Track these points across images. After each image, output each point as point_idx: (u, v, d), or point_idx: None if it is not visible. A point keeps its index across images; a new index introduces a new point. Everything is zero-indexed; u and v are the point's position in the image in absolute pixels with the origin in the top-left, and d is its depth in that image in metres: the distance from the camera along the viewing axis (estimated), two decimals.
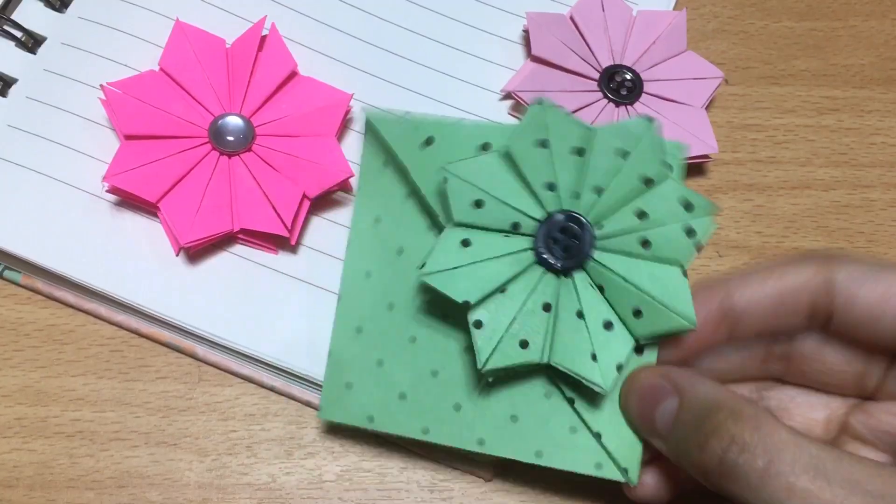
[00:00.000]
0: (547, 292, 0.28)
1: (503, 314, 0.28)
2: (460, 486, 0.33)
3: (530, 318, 0.28)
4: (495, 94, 0.38)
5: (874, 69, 0.42)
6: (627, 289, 0.28)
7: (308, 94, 0.35)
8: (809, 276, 0.28)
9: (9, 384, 0.33)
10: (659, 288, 0.28)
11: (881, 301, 0.27)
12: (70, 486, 0.32)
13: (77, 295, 0.34)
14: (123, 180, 0.33)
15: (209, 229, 0.33)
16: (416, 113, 0.30)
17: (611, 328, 0.28)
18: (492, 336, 0.28)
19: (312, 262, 0.34)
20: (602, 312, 0.28)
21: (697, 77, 0.39)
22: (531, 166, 0.28)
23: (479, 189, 0.28)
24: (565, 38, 0.38)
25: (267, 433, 0.33)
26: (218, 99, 0.34)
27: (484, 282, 0.28)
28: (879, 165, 0.40)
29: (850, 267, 0.28)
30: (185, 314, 0.33)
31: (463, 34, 0.39)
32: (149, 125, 0.34)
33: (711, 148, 0.37)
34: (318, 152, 0.34)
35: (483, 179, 0.28)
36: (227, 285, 0.33)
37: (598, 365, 0.27)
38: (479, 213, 0.28)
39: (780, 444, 0.23)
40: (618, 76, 0.38)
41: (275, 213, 0.33)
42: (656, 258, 0.28)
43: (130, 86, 0.34)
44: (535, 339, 0.28)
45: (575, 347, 0.28)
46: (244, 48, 0.35)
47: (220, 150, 0.34)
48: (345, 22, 0.39)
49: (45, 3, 0.37)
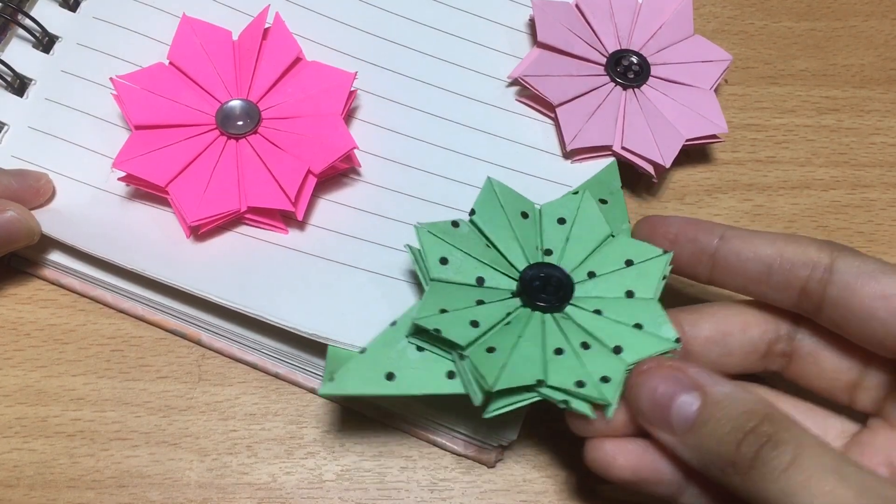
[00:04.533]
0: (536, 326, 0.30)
1: (506, 342, 0.29)
2: (460, 486, 0.33)
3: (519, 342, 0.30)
4: (502, 81, 0.38)
5: (874, 69, 0.42)
6: (608, 322, 0.30)
7: (313, 76, 0.36)
8: (811, 254, 0.28)
9: (9, 384, 0.33)
10: (637, 317, 0.30)
11: (876, 299, 0.27)
12: (70, 485, 0.32)
13: (84, 281, 0.34)
14: (133, 166, 0.33)
15: (217, 208, 0.33)
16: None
17: (589, 348, 0.29)
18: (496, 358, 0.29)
19: (321, 238, 0.34)
20: (583, 337, 0.30)
21: (705, 60, 0.39)
22: (514, 232, 0.32)
23: (458, 249, 0.31)
24: (571, 25, 0.38)
25: (267, 433, 0.33)
26: (225, 87, 0.35)
27: (482, 319, 0.30)
28: (879, 165, 0.40)
29: (853, 259, 0.28)
30: (196, 281, 0.32)
31: (468, 23, 0.40)
32: (158, 114, 0.34)
33: (721, 128, 0.37)
34: (322, 129, 0.34)
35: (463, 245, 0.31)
36: (238, 261, 0.33)
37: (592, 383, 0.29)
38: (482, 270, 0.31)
39: (806, 444, 0.24)
40: (624, 60, 0.38)
41: (280, 188, 0.33)
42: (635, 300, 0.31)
43: (139, 78, 0.35)
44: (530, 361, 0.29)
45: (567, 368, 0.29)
46: (249, 38, 0.36)
47: (227, 135, 0.34)
48: (349, 13, 0.39)
49: (59, 3, 0.38)
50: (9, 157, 0.35)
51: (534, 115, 0.38)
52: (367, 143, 0.36)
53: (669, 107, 0.37)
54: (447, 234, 0.31)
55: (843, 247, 0.28)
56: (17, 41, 0.37)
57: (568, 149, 0.36)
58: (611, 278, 0.31)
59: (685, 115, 0.37)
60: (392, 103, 0.37)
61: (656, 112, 0.37)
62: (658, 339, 0.29)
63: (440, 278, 0.30)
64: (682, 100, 0.38)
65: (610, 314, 0.30)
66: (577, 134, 0.36)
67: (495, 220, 0.32)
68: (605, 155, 0.37)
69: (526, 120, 0.38)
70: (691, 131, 0.37)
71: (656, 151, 0.36)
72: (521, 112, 0.38)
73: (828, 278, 0.28)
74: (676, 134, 0.37)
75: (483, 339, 0.29)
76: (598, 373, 0.28)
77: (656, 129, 0.37)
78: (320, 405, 0.34)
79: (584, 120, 0.36)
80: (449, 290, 0.30)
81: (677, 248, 0.31)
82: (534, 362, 0.28)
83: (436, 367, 0.29)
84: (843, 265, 0.28)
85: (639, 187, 0.38)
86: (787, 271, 0.29)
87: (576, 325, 0.30)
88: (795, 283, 0.28)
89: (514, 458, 0.33)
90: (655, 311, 0.30)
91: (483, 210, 0.32)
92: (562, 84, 0.37)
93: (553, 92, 0.37)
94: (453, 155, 0.37)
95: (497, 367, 0.28)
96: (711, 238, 0.30)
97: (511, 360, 0.28)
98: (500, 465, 0.33)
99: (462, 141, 0.37)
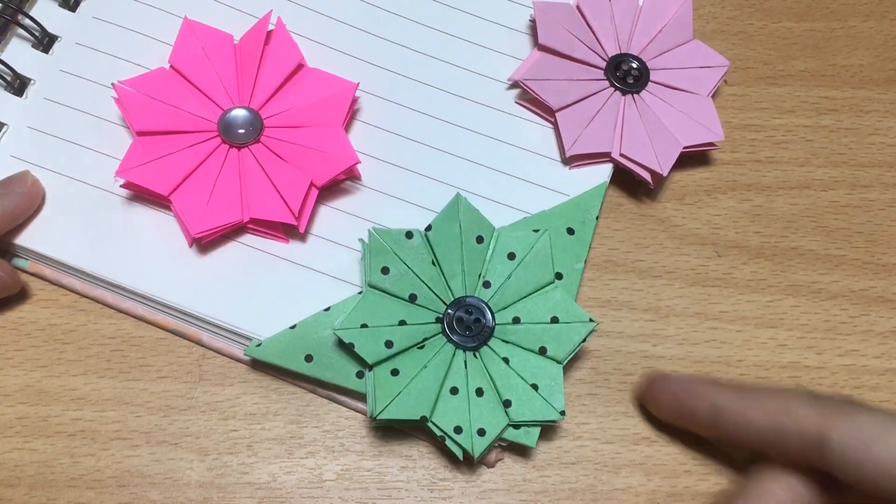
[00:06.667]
0: (446, 361, 0.32)
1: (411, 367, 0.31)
2: (460, 486, 0.33)
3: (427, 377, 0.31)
4: (502, 83, 0.39)
5: (873, 69, 0.42)
6: (511, 374, 0.32)
7: (315, 84, 0.36)
8: (802, 426, 0.28)
9: (10, 383, 0.33)
10: (537, 377, 0.32)
11: (884, 466, 0.26)
12: (71, 485, 0.32)
13: (84, 281, 0.34)
14: (136, 175, 0.33)
15: (220, 219, 0.33)
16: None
17: (482, 395, 0.32)
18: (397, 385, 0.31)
19: (321, 250, 0.34)
20: (482, 382, 0.32)
21: (704, 66, 0.39)
22: (446, 253, 0.33)
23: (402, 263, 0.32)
24: (572, 28, 0.38)
25: (267, 432, 0.33)
26: (227, 93, 0.35)
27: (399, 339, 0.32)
28: (878, 165, 0.40)
29: (848, 427, 0.26)
30: (195, 303, 0.33)
31: (469, 24, 0.40)
32: (160, 121, 0.34)
33: (718, 136, 0.37)
34: (324, 141, 0.34)
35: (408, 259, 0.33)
36: (238, 275, 0.34)
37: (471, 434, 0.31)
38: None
39: None
40: (624, 65, 0.38)
41: (283, 201, 0.33)
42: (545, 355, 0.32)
43: (141, 83, 0.35)
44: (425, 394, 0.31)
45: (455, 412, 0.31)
46: (251, 43, 0.36)
47: (229, 143, 0.34)
48: (350, 14, 0.39)
49: (59, 3, 0.38)
50: (8, 156, 0.35)
51: (533, 118, 0.38)
52: (367, 146, 0.36)
53: (668, 113, 0.37)
54: (397, 244, 0.32)
55: (840, 408, 0.27)
56: (17, 41, 0.37)
57: (567, 155, 0.36)
58: (531, 329, 0.32)
59: (683, 123, 0.37)
60: (392, 104, 0.37)
61: (655, 119, 0.37)
62: (547, 406, 0.32)
63: (377, 286, 0.32)
64: (681, 106, 0.38)
65: (515, 365, 0.32)
66: (577, 140, 0.36)
67: (448, 239, 0.33)
68: (604, 161, 0.37)
69: (526, 123, 0.38)
70: (689, 139, 0.37)
71: (654, 159, 0.36)
72: (521, 115, 0.38)
73: (824, 452, 0.27)
74: (674, 141, 0.37)
75: (391, 361, 0.31)
76: (479, 423, 0.31)
77: (654, 137, 0.37)
78: (320, 405, 0.34)
79: (583, 125, 0.37)
80: (380, 301, 0.32)
81: (679, 420, 0.33)
82: (427, 397, 0.31)
83: (349, 363, 0.32)
84: (839, 436, 0.26)
85: (638, 189, 0.39)
86: (783, 443, 0.28)
87: (481, 367, 0.32)
88: (794, 453, 0.28)
89: (514, 458, 0.34)
90: (556, 377, 0.32)
91: (440, 227, 0.33)
92: (562, 88, 0.37)
93: (553, 96, 0.37)
94: (452, 159, 0.37)
95: (390, 396, 0.31)
96: (705, 406, 0.31)
97: (406, 390, 0.31)
98: (500, 465, 0.33)
99: (461, 144, 0.37)
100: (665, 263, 0.37)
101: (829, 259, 0.38)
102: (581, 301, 0.36)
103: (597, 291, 0.36)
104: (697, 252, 0.38)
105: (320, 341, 0.32)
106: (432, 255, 0.33)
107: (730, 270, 0.37)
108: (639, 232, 0.38)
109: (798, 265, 0.38)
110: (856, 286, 0.38)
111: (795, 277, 0.37)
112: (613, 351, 0.36)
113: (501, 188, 0.36)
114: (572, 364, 0.35)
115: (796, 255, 0.38)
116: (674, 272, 0.37)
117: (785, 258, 0.38)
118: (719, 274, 0.37)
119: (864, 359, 0.36)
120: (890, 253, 0.38)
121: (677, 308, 0.36)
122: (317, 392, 0.34)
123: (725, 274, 0.37)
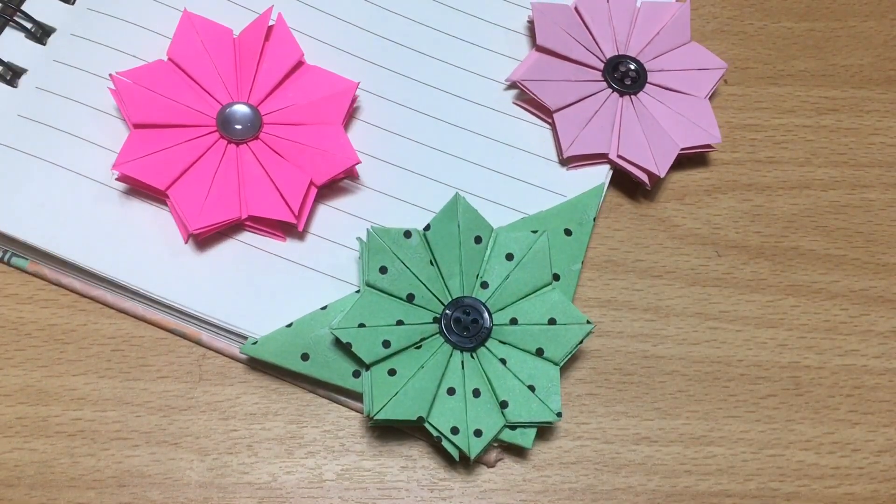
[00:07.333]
0: (443, 361, 0.32)
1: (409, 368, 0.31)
2: (460, 486, 0.33)
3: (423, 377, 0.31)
4: (500, 83, 0.39)
5: (873, 69, 0.42)
6: (508, 374, 0.32)
7: (315, 82, 0.36)
8: None
9: (10, 383, 0.33)
10: (534, 378, 0.32)
11: None
12: (71, 485, 0.32)
13: (84, 281, 0.34)
14: (133, 168, 0.33)
15: (217, 216, 0.33)
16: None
17: (479, 396, 0.32)
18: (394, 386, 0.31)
19: (319, 249, 0.34)
20: (479, 383, 0.32)
21: (701, 68, 0.39)
22: (444, 253, 0.33)
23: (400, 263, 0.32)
24: (570, 29, 0.38)
25: (267, 432, 0.33)
26: (225, 88, 0.35)
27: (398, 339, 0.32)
28: (878, 165, 0.40)
29: None
30: (192, 301, 0.33)
31: (468, 24, 0.40)
32: (157, 114, 0.34)
33: (715, 138, 0.37)
34: (324, 140, 0.34)
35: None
36: (235, 272, 0.34)
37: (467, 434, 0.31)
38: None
39: None
40: (622, 66, 0.38)
41: (282, 199, 0.33)
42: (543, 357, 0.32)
43: (139, 75, 0.35)
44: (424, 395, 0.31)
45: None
46: (251, 38, 0.36)
47: (227, 139, 0.34)
48: (350, 12, 0.39)
49: None
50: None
51: (531, 119, 0.38)
52: (365, 145, 0.36)
53: (665, 115, 0.38)
54: (396, 243, 0.32)
55: None
56: (12, 31, 0.37)
57: (564, 155, 0.36)
58: (529, 331, 0.32)
59: (680, 124, 0.37)
60: (390, 103, 0.37)
61: (652, 120, 0.37)
62: (543, 407, 0.32)
63: (375, 285, 0.32)
64: (678, 108, 0.38)
65: (513, 366, 0.32)
66: (574, 141, 0.36)
67: (447, 239, 0.33)
68: (601, 162, 0.37)
69: (523, 124, 0.38)
70: (686, 141, 0.37)
71: (651, 160, 0.36)
72: (519, 115, 0.38)
73: None
74: (671, 143, 0.37)
75: (388, 361, 0.31)
76: (475, 424, 0.31)
77: (652, 138, 0.37)
78: (320, 405, 0.34)
79: (580, 126, 0.37)
80: (377, 301, 0.32)
81: None
82: (423, 398, 0.31)
83: (345, 363, 0.32)
84: None
85: (637, 190, 0.39)
86: None
87: (478, 368, 0.32)
88: None
89: (514, 458, 0.34)
90: (553, 378, 0.32)
91: (438, 227, 0.33)
92: (559, 89, 0.37)
93: (551, 97, 0.37)
94: (451, 159, 0.37)
95: (387, 396, 0.31)
96: None
97: (403, 391, 0.31)
98: (500, 464, 0.33)
99: (460, 144, 0.37)
100: (665, 263, 0.37)
101: (829, 259, 0.38)
102: (581, 301, 0.36)
103: (597, 291, 0.36)
104: (697, 252, 0.38)
105: (317, 340, 0.32)
106: (430, 254, 0.33)
107: (730, 270, 0.37)
108: (639, 232, 0.38)
109: (798, 265, 0.38)
110: (856, 286, 0.38)
111: (795, 277, 0.37)
112: (613, 351, 0.36)
113: (499, 188, 0.36)
114: (572, 364, 0.35)
115: (796, 255, 0.38)
116: (674, 272, 0.37)
117: (785, 258, 0.38)
118: (719, 274, 0.37)
119: (864, 359, 0.36)
120: (890, 253, 0.38)
121: (677, 308, 0.36)
122: (317, 392, 0.34)
123: (725, 274, 0.37)
